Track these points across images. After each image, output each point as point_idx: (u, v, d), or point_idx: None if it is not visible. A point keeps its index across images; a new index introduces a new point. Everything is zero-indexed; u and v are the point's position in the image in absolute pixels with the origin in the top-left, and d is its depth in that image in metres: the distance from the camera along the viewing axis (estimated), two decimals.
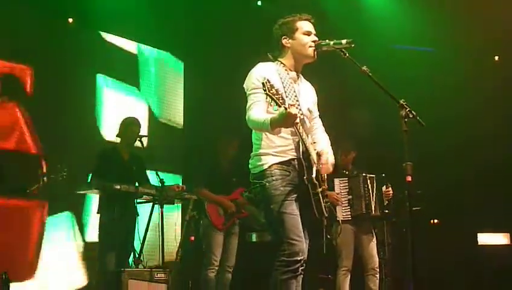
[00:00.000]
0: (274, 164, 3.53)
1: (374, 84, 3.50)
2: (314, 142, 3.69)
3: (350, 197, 6.13)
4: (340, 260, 6.13)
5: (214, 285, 6.01)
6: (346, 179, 6.19)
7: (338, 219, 5.94)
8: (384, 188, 6.19)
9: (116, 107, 7.55)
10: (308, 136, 3.59)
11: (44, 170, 6.38)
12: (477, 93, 7.71)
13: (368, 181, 6.16)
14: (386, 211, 6.25)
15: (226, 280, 6.14)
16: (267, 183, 3.51)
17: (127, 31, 7.86)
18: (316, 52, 3.68)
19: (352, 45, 3.56)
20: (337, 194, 6.09)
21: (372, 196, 6.15)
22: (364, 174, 6.17)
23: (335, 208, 5.98)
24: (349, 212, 6.12)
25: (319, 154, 3.64)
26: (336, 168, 6.17)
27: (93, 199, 6.32)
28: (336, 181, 6.15)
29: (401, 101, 3.47)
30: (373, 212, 6.13)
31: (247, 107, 3.55)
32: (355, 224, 6.14)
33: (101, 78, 7.57)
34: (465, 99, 7.69)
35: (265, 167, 3.54)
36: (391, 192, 6.17)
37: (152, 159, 6.30)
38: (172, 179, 7.12)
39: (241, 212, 6.26)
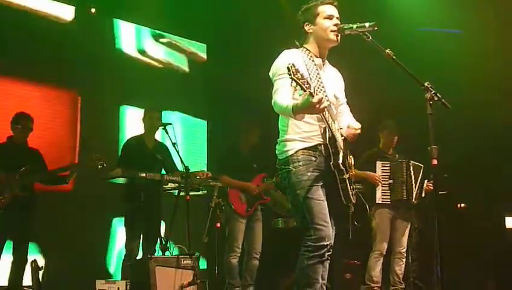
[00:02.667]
0: (300, 149, 3.53)
1: (398, 67, 3.46)
2: (341, 128, 3.68)
3: (391, 181, 6.10)
4: (374, 244, 6.14)
5: (237, 271, 6.07)
6: (388, 163, 6.16)
7: (378, 202, 5.96)
8: (426, 181, 6.14)
9: None
10: (334, 122, 3.58)
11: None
12: (505, 75, 7.57)
13: (411, 168, 6.10)
14: (421, 202, 6.23)
15: (253, 266, 6.17)
16: (294, 169, 3.52)
17: (146, 19, 7.90)
18: (339, 36, 3.65)
19: (376, 28, 3.51)
20: (378, 176, 6.07)
21: (415, 183, 6.10)
22: (407, 160, 6.13)
23: (374, 191, 5.99)
24: (388, 197, 6.10)
25: (346, 140, 3.63)
26: (378, 152, 6.22)
27: None
28: (378, 164, 6.14)
29: (426, 84, 3.43)
30: (414, 199, 6.09)
31: (273, 92, 3.55)
32: (393, 209, 6.12)
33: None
34: (493, 81, 7.55)
35: (292, 152, 3.54)
36: (431, 188, 6.08)
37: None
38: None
39: (263, 198, 6.27)
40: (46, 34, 6.93)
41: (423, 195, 6.21)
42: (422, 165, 6.16)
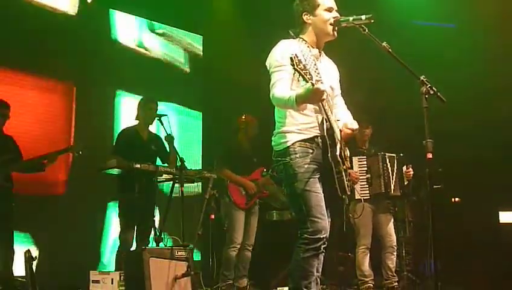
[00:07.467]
0: (297, 141, 3.51)
1: (393, 60, 3.46)
2: (338, 120, 3.67)
3: (368, 176, 6.14)
4: (359, 239, 6.16)
5: (233, 264, 6.07)
6: (365, 157, 6.18)
7: (357, 197, 5.96)
8: (404, 168, 6.17)
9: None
10: (332, 113, 3.57)
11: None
12: (499, 70, 7.57)
13: (387, 160, 6.15)
14: (405, 190, 6.25)
15: (246, 258, 6.19)
16: (291, 161, 3.50)
17: (141, 9, 7.88)
18: (336, 30, 3.64)
19: (372, 21, 3.50)
20: (356, 172, 6.07)
21: (392, 175, 6.14)
22: (383, 153, 6.16)
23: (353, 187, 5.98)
24: (367, 191, 6.12)
25: (341, 132, 3.62)
26: (353, 146, 6.20)
27: None
28: (354, 160, 6.14)
29: (422, 78, 3.43)
30: (392, 191, 6.12)
31: (270, 85, 3.52)
32: (373, 203, 6.15)
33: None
34: (487, 76, 7.56)
35: (289, 144, 3.52)
36: (411, 172, 6.16)
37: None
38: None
39: (262, 192, 6.27)
40: (43, 24, 6.89)
41: (405, 183, 6.22)
42: (394, 155, 6.18)
